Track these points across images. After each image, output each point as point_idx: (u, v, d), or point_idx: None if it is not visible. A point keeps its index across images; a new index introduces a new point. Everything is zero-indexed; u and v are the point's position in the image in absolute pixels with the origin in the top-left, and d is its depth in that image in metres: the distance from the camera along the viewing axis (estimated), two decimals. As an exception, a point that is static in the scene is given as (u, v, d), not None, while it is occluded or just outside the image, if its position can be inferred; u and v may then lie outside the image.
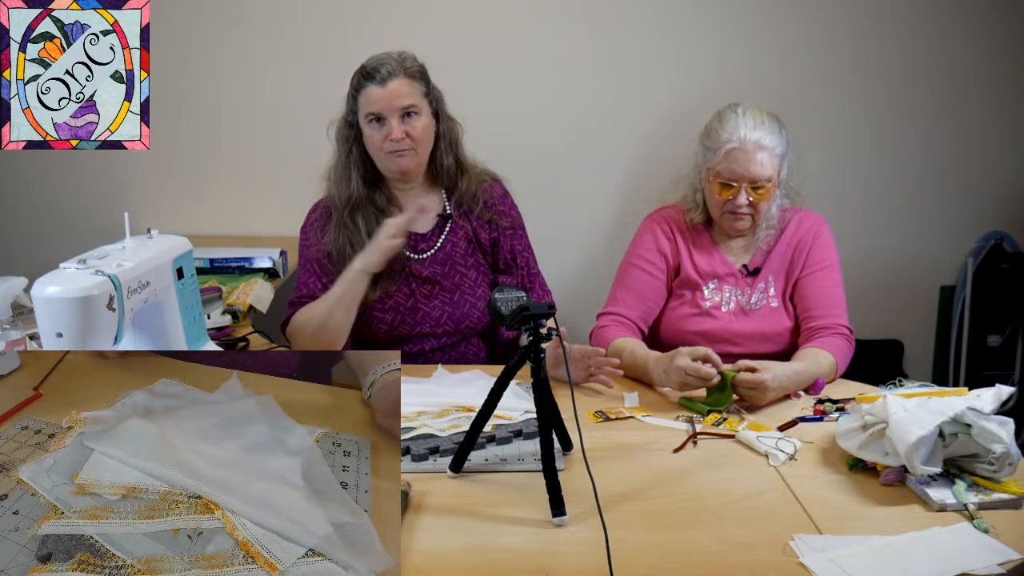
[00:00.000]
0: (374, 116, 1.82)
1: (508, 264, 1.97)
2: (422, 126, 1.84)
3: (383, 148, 1.83)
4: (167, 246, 1.54)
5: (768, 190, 1.84)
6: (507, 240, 1.97)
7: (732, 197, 1.85)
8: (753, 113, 1.86)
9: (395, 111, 1.80)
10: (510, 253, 1.97)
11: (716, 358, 1.60)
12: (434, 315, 1.90)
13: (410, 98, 1.82)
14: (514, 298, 1.32)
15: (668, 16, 2.66)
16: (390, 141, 1.82)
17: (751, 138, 1.82)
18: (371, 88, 1.81)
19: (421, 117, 1.84)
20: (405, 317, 1.89)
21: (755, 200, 1.84)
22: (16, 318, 1.77)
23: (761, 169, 1.82)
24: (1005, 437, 1.26)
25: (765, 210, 1.87)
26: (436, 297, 1.91)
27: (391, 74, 1.80)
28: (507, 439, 1.46)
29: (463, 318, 1.92)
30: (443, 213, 1.94)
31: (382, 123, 1.82)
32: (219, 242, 2.52)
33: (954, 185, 2.81)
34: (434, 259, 1.92)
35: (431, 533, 1.19)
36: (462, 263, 1.93)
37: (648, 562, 1.12)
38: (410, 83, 1.83)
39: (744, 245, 1.96)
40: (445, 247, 1.93)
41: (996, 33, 2.70)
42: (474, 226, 1.95)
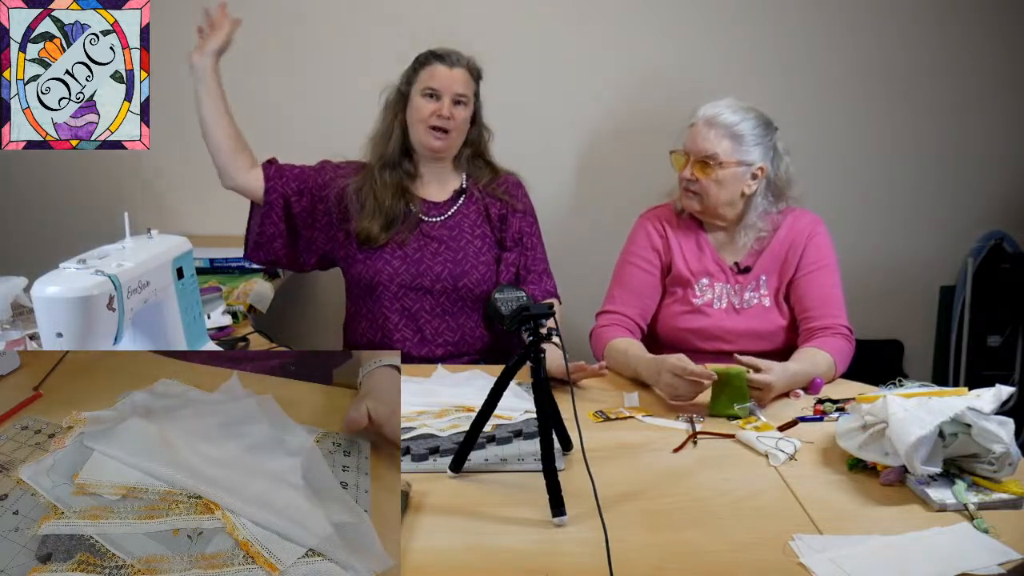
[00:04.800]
0: (432, 91, 1.99)
1: (515, 242, 2.08)
2: (464, 116, 2.03)
3: (428, 121, 1.99)
4: (167, 246, 1.55)
5: (711, 169, 1.85)
6: (516, 220, 2.09)
7: (681, 171, 1.89)
8: (728, 100, 1.89)
9: (451, 92, 1.99)
10: (518, 232, 2.09)
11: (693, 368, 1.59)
12: (436, 269, 2.02)
13: (466, 88, 2.01)
14: (514, 298, 1.32)
15: (668, 16, 2.66)
16: (438, 116, 1.98)
17: (707, 113, 1.86)
18: (439, 66, 2.00)
19: (467, 109, 2.03)
20: (410, 267, 2.01)
21: (697, 175, 1.86)
22: (16, 318, 1.77)
23: (706, 144, 1.84)
24: (1005, 437, 1.26)
25: (710, 191, 1.87)
26: (441, 255, 2.03)
27: (459, 62, 2.01)
28: (507, 439, 1.46)
29: (462, 276, 2.02)
30: (459, 188, 2.10)
31: (436, 99, 1.99)
32: (219, 242, 2.52)
33: (954, 185, 2.81)
34: (444, 224, 2.06)
35: (431, 533, 1.19)
36: (470, 232, 2.06)
37: (648, 562, 1.12)
38: (469, 78, 2.03)
39: (735, 242, 1.94)
40: (456, 216, 2.07)
41: (996, 33, 2.70)
42: (487, 203, 2.09)
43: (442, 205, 2.08)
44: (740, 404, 1.56)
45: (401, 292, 2.02)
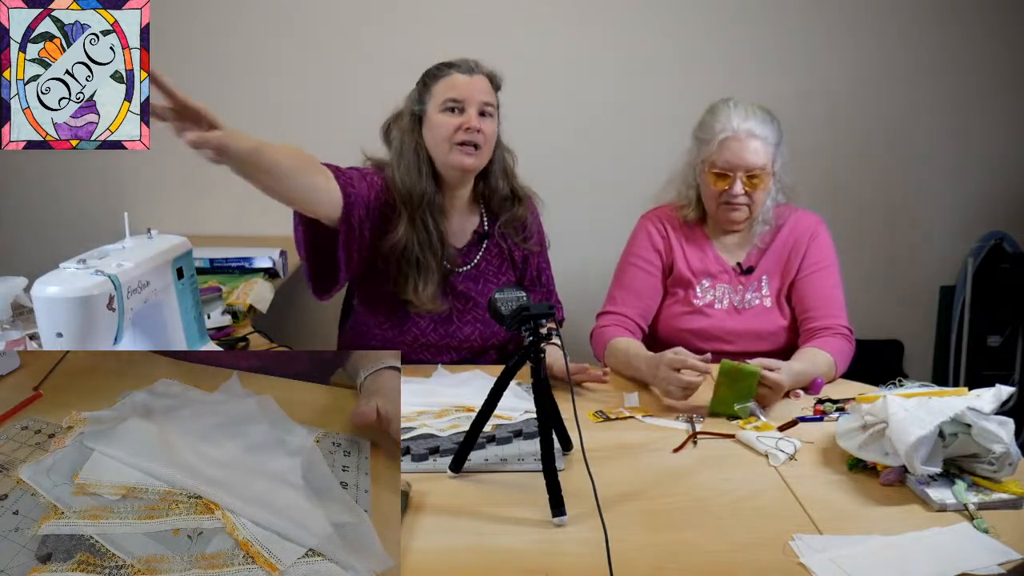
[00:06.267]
0: (453, 103, 1.74)
1: (533, 281, 1.97)
2: (492, 129, 1.79)
3: (454, 138, 1.74)
4: (167, 246, 1.55)
5: (763, 179, 1.85)
6: (535, 258, 1.97)
7: (728, 187, 1.85)
8: (744, 105, 1.87)
9: (476, 102, 1.75)
10: (536, 271, 1.98)
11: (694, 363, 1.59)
12: (464, 331, 1.87)
13: (489, 96, 1.78)
14: (514, 298, 1.32)
15: (668, 16, 2.66)
16: (465, 131, 1.73)
17: (744, 127, 1.83)
18: (456, 75, 1.76)
19: (493, 121, 1.79)
20: (438, 327, 1.85)
21: (750, 189, 1.85)
22: (16, 318, 1.77)
23: (755, 157, 1.83)
24: (1005, 437, 1.26)
25: (761, 201, 1.88)
26: (469, 313, 1.87)
27: (478, 68, 1.79)
28: (507, 439, 1.46)
29: (491, 337, 1.89)
30: (479, 230, 1.89)
31: (459, 112, 1.75)
32: (219, 242, 2.52)
33: (954, 185, 2.81)
34: (469, 275, 1.88)
35: (431, 533, 1.19)
36: (494, 281, 1.90)
37: (648, 562, 1.12)
38: (490, 86, 1.80)
39: (739, 242, 1.96)
40: (480, 264, 1.89)
41: (996, 33, 2.70)
42: (509, 246, 1.92)
43: (466, 252, 1.88)
44: (744, 403, 1.56)
45: (423, 351, 1.86)
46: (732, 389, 1.57)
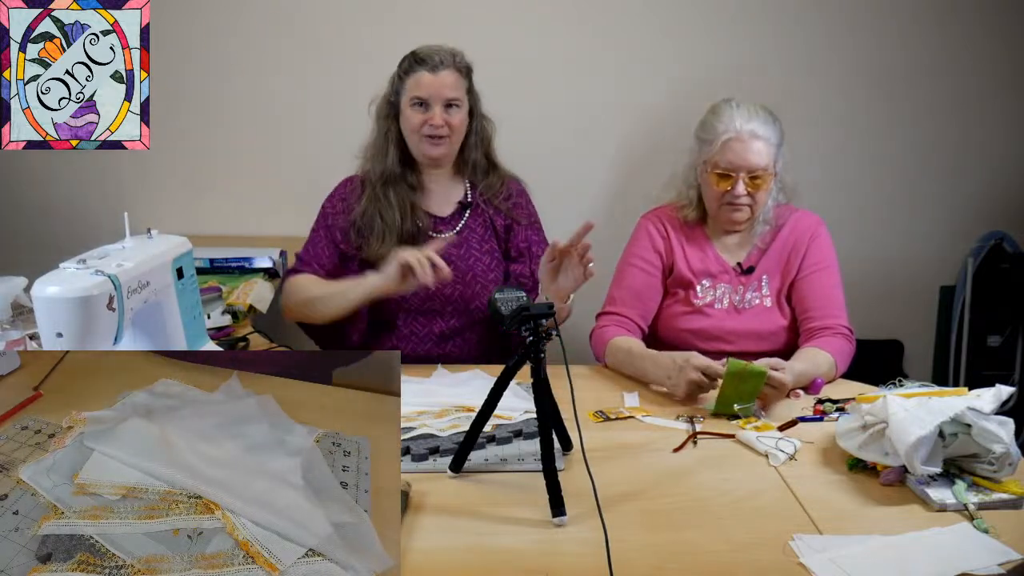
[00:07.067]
0: (419, 100, 1.91)
1: (520, 252, 2.04)
2: (460, 119, 1.94)
3: (421, 132, 1.92)
4: (167, 246, 1.54)
5: (765, 179, 1.85)
6: (522, 230, 2.04)
7: (730, 188, 1.85)
8: (747, 105, 1.87)
9: (440, 99, 1.91)
10: (524, 242, 2.04)
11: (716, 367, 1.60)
12: (445, 292, 1.95)
13: (455, 91, 1.92)
14: (514, 298, 1.32)
15: (668, 16, 2.66)
16: (430, 126, 1.91)
17: (747, 128, 1.83)
18: (422, 73, 1.91)
19: (461, 110, 1.94)
20: (418, 291, 1.89)
21: (753, 190, 1.85)
22: (16, 318, 1.76)
23: (758, 158, 1.83)
24: (1005, 437, 1.26)
25: (763, 201, 1.88)
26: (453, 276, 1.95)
27: (443, 64, 1.91)
28: (507, 439, 1.46)
29: (473, 298, 1.97)
30: (463, 200, 2.02)
31: (425, 108, 1.91)
32: (219, 242, 2.52)
33: (954, 185, 2.80)
34: (452, 242, 1.98)
35: (431, 533, 1.19)
36: (478, 248, 2.00)
37: (648, 562, 1.12)
38: (457, 77, 1.93)
39: (739, 242, 1.96)
40: (463, 232, 2.01)
41: (996, 33, 2.70)
42: (491, 214, 2.03)
43: (448, 220, 2.01)
44: (747, 403, 1.56)
45: (409, 317, 1.98)
46: (738, 389, 1.56)
